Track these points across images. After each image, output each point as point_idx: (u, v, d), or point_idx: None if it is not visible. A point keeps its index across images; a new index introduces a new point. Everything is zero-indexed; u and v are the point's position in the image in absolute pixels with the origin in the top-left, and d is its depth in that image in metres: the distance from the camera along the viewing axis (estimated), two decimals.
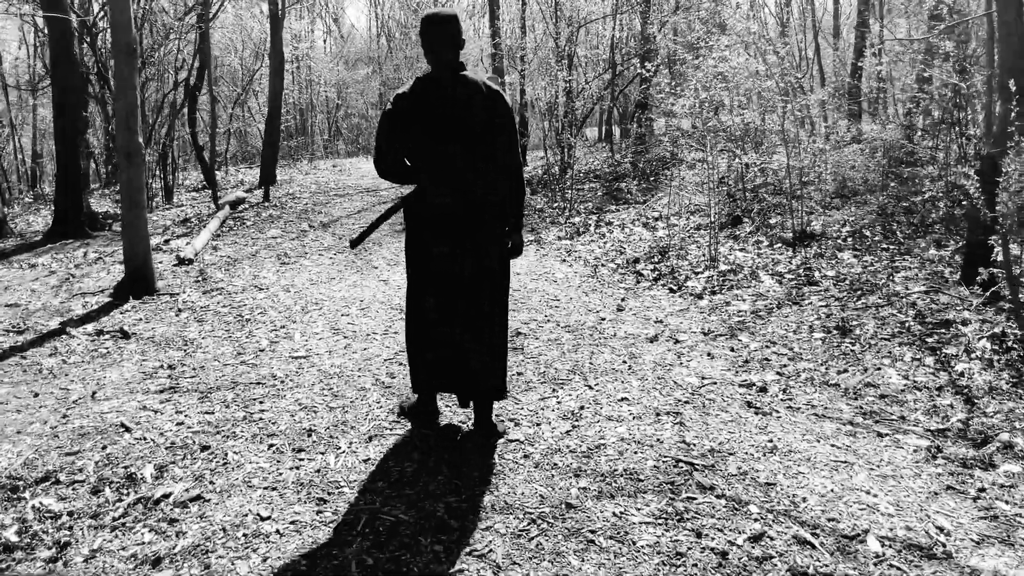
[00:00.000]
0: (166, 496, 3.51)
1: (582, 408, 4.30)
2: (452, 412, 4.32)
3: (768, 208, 9.53)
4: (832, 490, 3.39)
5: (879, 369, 4.84)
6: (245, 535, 3.15)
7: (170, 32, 15.91)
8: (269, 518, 3.27)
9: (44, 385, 5.10)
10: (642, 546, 2.98)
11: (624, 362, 5.09)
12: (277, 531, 3.17)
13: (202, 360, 5.46)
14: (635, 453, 3.74)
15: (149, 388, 4.94)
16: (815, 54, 16.56)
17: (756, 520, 3.14)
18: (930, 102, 10.14)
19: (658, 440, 3.87)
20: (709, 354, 5.24)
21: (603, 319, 6.17)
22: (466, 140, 3.68)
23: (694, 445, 3.81)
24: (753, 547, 2.96)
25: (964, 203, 8.62)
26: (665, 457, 3.69)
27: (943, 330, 5.37)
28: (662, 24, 18.65)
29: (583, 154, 18.69)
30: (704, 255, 8.02)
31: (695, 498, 3.32)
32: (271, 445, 3.98)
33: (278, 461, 3.80)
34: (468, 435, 4.05)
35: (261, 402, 4.59)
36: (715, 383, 4.70)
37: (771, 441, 3.85)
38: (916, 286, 6.39)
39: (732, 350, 5.34)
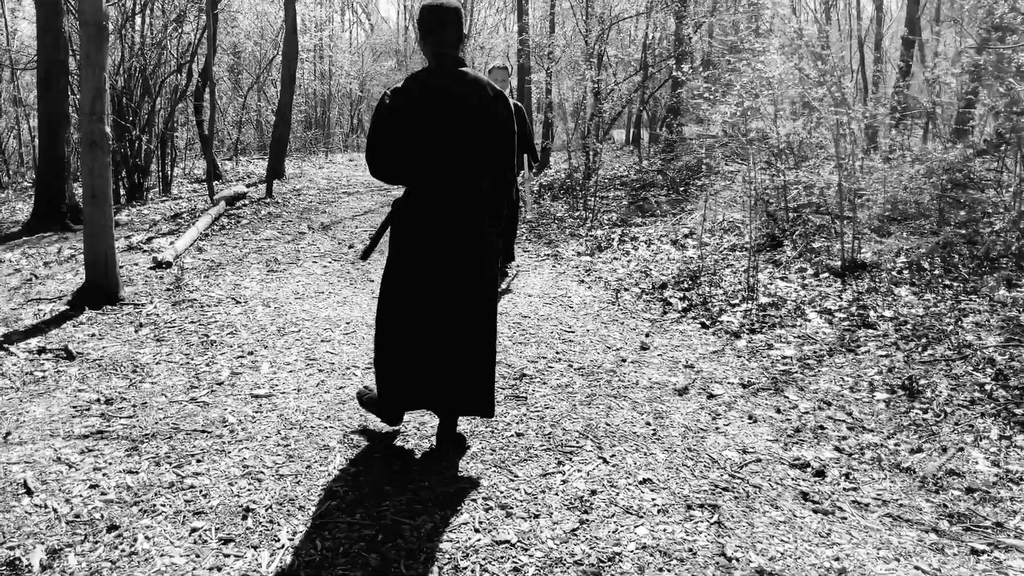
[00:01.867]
0: None
1: (594, 493, 3.40)
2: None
3: (811, 231, 8.59)
4: None
5: (961, 450, 3.92)
6: None
7: (182, 15, 15.16)
8: None
9: None
10: None
11: (648, 424, 4.20)
12: None
13: (147, 393, 4.61)
14: (660, 571, 2.84)
15: (74, 431, 4.10)
16: (859, 64, 15.54)
17: None
18: (989, 115, 9.16)
19: (690, 551, 2.97)
20: (751, 416, 4.34)
21: (624, 360, 5.28)
22: (465, 143, 3.43)
23: (737, 561, 2.91)
24: None
25: None
26: None
27: None
28: (698, 25, 17.69)
29: (609, 159, 17.78)
30: (740, 283, 7.10)
31: None
32: (194, 529, 3.11)
33: (197, 556, 2.93)
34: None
35: (199, 459, 3.73)
36: (760, 460, 3.80)
37: (837, 559, 2.94)
38: (990, 337, 5.46)
39: (778, 411, 4.43)
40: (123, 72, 12.93)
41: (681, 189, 13.11)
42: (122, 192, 12.56)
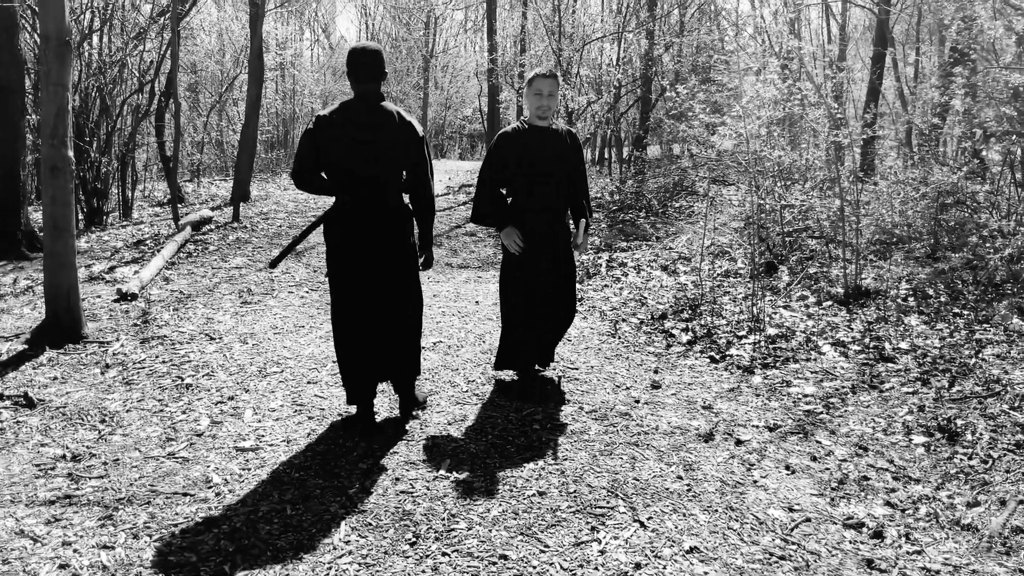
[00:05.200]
0: None
1: (639, 567, 3.01)
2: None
3: (807, 256, 8.32)
4: None
5: (1022, 503, 3.61)
6: None
7: (143, 33, 14.62)
8: None
9: None
10: None
11: (679, 477, 3.83)
12: None
13: (118, 448, 4.14)
14: None
15: (38, 495, 3.62)
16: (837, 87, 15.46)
17: None
18: (983, 140, 9.02)
19: None
20: (787, 466, 3.99)
21: (637, 401, 4.91)
22: (384, 165, 4.10)
23: None
24: None
25: None
26: None
27: None
28: (668, 46, 17.55)
29: None
30: (743, 312, 6.79)
31: None
32: None
33: None
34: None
35: (184, 531, 3.28)
36: (809, 520, 3.44)
37: None
38: (1016, 370, 5.19)
39: (814, 459, 4.09)
40: (80, 91, 12.37)
41: (661, 212, 12.86)
42: (80, 217, 11.96)
